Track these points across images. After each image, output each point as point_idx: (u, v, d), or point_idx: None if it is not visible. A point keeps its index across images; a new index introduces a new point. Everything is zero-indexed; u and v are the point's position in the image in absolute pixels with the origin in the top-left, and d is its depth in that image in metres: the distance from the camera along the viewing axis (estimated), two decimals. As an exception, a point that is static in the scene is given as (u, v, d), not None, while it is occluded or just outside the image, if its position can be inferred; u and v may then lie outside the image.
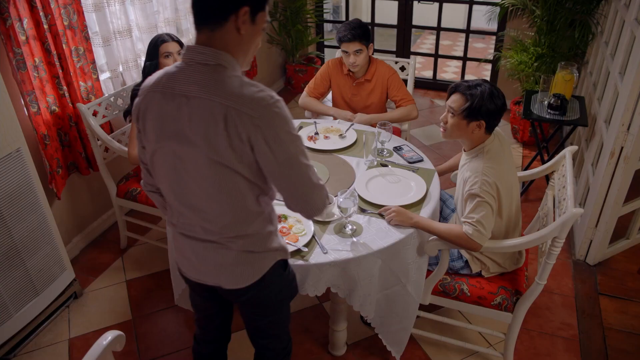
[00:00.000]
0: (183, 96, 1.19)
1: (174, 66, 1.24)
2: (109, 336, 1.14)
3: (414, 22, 4.72)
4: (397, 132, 2.89)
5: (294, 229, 1.80)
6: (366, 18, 5.18)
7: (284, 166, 1.21)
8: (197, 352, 1.76)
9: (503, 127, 4.07)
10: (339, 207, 1.73)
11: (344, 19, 5.22)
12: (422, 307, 2.04)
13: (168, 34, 2.33)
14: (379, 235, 1.78)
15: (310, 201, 1.28)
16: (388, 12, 4.91)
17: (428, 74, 5.46)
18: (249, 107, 1.14)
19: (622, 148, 2.37)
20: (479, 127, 1.77)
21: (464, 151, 1.91)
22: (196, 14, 1.18)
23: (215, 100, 1.15)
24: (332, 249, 1.71)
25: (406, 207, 1.90)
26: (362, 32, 2.55)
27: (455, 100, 1.78)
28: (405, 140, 2.66)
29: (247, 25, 1.17)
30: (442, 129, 1.88)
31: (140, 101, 1.28)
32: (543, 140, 3.41)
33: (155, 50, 2.27)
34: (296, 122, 2.65)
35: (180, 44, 2.33)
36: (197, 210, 1.30)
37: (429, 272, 1.97)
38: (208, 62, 1.18)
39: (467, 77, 5.06)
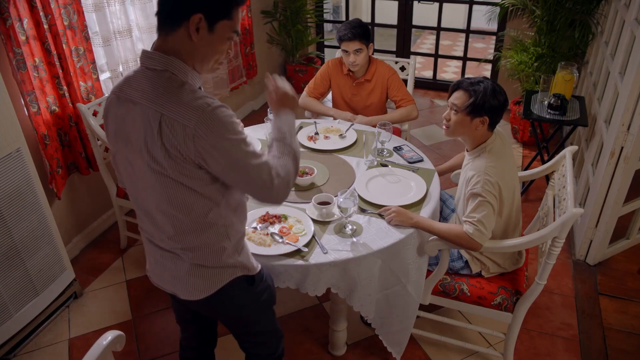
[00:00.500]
0: (130, 101, 1.19)
1: (134, 69, 1.24)
2: (109, 336, 1.14)
3: (414, 22, 4.72)
4: (397, 132, 2.89)
5: (294, 229, 1.80)
6: (366, 18, 5.18)
7: (231, 171, 1.19)
8: (182, 357, 1.76)
9: (503, 127, 4.06)
10: (339, 207, 1.73)
11: (344, 19, 5.22)
12: (422, 307, 2.04)
13: None
14: (379, 235, 1.78)
15: (270, 197, 1.27)
16: (388, 12, 4.91)
17: (428, 74, 5.46)
18: (183, 115, 1.12)
19: (622, 148, 2.37)
20: (482, 123, 1.77)
21: (467, 151, 1.91)
22: (157, 19, 1.19)
23: (152, 108, 1.14)
24: (332, 249, 1.71)
25: (406, 207, 1.90)
26: (362, 32, 2.56)
27: (458, 97, 1.78)
28: (405, 140, 2.66)
29: (202, 32, 1.15)
30: (444, 127, 1.88)
31: (106, 102, 1.30)
32: (543, 140, 3.41)
33: None
34: (296, 122, 2.65)
35: None
36: (150, 217, 1.30)
37: (429, 272, 1.97)
38: (156, 67, 1.18)
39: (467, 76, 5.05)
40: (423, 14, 4.85)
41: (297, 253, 1.70)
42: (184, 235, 1.28)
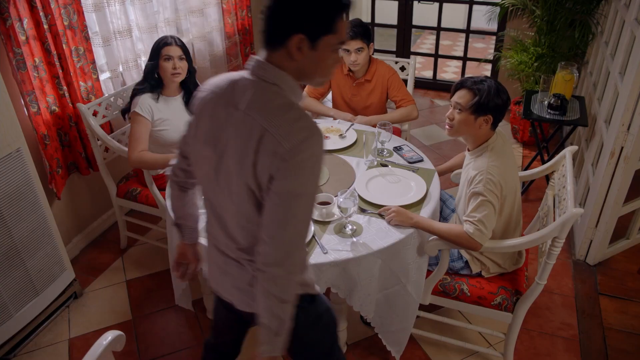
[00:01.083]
0: (233, 106, 1.15)
1: (239, 73, 1.20)
2: (109, 336, 1.14)
3: (414, 22, 4.72)
4: (397, 132, 2.88)
5: (294, 229, 1.79)
6: (366, 18, 5.18)
7: (277, 196, 1.11)
8: (204, 359, 1.71)
9: (503, 127, 4.06)
10: (339, 207, 1.73)
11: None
12: (422, 307, 2.04)
13: (173, 37, 2.31)
14: (379, 235, 1.78)
15: (282, 259, 1.14)
16: (388, 12, 4.91)
17: (428, 74, 5.46)
18: (283, 136, 1.07)
19: (622, 148, 2.37)
20: (486, 122, 1.77)
21: (468, 150, 1.90)
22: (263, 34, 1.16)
23: (257, 120, 1.10)
24: (332, 249, 1.71)
25: (406, 207, 1.90)
26: (363, 31, 2.56)
27: (462, 95, 1.78)
28: (405, 140, 2.66)
29: (305, 51, 1.10)
30: (447, 127, 1.86)
31: (199, 98, 1.24)
32: (543, 140, 3.41)
33: (157, 52, 2.27)
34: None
35: (184, 49, 2.32)
36: (222, 224, 1.27)
37: (429, 272, 1.97)
38: (266, 78, 1.14)
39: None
40: (423, 14, 4.85)
41: (297, 253, 1.70)
42: (255, 252, 1.22)
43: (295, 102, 1.15)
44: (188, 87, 2.43)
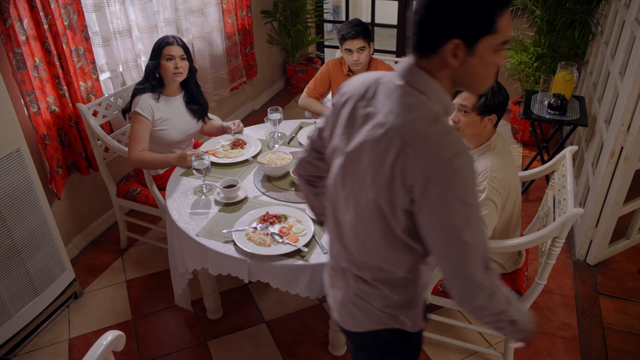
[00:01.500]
0: (373, 111, 1.06)
1: (388, 75, 1.10)
2: (109, 336, 1.14)
3: (414, 22, 4.71)
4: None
5: (294, 229, 1.80)
6: (366, 18, 5.17)
7: (437, 234, 1.00)
8: None
9: (503, 127, 4.06)
10: (339, 207, 1.73)
11: (344, 19, 5.22)
12: (422, 307, 2.04)
13: (174, 37, 2.31)
14: (379, 235, 1.77)
15: (462, 291, 1.03)
16: (388, 12, 4.90)
17: (428, 74, 5.45)
18: (427, 152, 0.96)
19: (622, 148, 2.37)
20: (491, 121, 1.78)
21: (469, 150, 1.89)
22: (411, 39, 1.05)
23: (398, 133, 0.99)
24: (332, 249, 1.71)
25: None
26: (364, 30, 2.57)
27: (467, 97, 1.77)
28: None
29: (461, 56, 0.99)
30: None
31: (345, 91, 1.16)
32: (543, 140, 3.41)
33: (159, 52, 2.27)
34: (296, 122, 2.66)
35: (185, 48, 2.32)
36: (339, 228, 1.19)
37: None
38: (415, 85, 1.03)
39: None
40: (423, 14, 4.84)
41: (297, 253, 1.70)
42: (365, 268, 1.16)
43: (443, 114, 1.04)
44: (189, 86, 2.43)
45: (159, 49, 2.27)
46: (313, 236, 1.76)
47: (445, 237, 0.99)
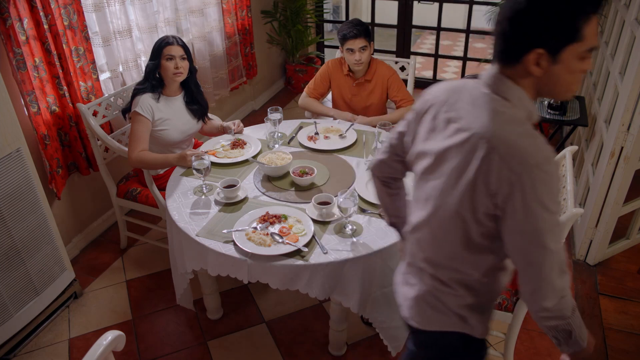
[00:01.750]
0: (457, 117, 1.08)
1: (473, 83, 1.11)
2: (109, 336, 1.14)
3: (414, 22, 4.72)
4: (397, 132, 2.88)
5: (294, 229, 1.80)
6: (366, 18, 5.17)
7: (518, 238, 1.02)
8: None
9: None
10: (339, 207, 1.73)
11: (344, 19, 5.22)
12: (422, 307, 2.04)
13: (174, 37, 2.31)
14: (379, 235, 1.78)
15: (533, 291, 1.05)
16: (388, 12, 4.91)
17: (428, 74, 5.46)
18: (513, 157, 0.97)
19: (622, 148, 2.37)
20: None
21: None
22: (494, 48, 1.06)
23: (484, 136, 1.00)
24: (332, 249, 1.71)
25: (406, 207, 1.90)
26: (365, 29, 2.58)
27: None
28: (405, 140, 2.65)
29: (544, 65, 0.99)
30: None
31: (428, 97, 1.18)
32: (543, 140, 3.41)
33: (159, 52, 2.27)
34: (296, 122, 2.66)
35: (185, 48, 2.32)
36: (416, 227, 1.22)
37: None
38: (500, 93, 1.05)
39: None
40: (423, 14, 4.85)
41: (297, 253, 1.70)
42: (442, 268, 1.18)
43: (528, 121, 1.05)
44: (189, 86, 2.43)
45: (159, 49, 2.27)
46: (313, 236, 1.76)
47: (527, 241, 1.01)
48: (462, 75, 4.84)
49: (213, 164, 2.18)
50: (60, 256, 2.32)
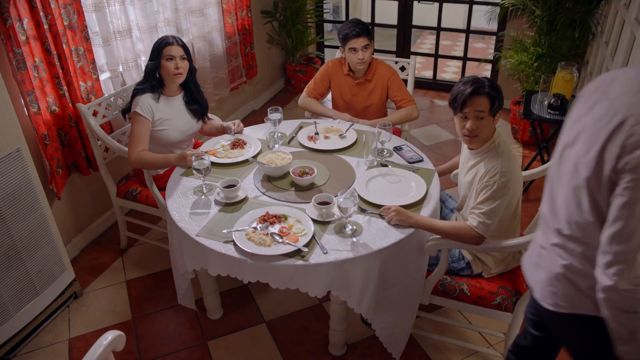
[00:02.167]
0: (605, 94, 1.13)
1: (631, 71, 1.15)
2: (109, 336, 1.14)
3: (414, 22, 4.72)
4: (397, 132, 2.88)
5: (294, 229, 1.80)
6: (366, 18, 5.18)
7: (624, 206, 1.05)
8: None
9: (503, 127, 4.07)
10: (339, 207, 1.73)
11: (344, 19, 5.23)
12: (422, 307, 2.04)
13: (174, 37, 2.31)
14: (379, 235, 1.78)
15: (614, 261, 1.07)
16: (388, 12, 4.91)
17: (428, 74, 5.46)
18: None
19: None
20: (498, 117, 1.81)
21: (471, 149, 1.88)
22: None
23: (621, 108, 1.06)
24: (332, 249, 1.71)
25: (406, 207, 1.90)
26: (366, 28, 2.60)
27: (480, 102, 1.74)
28: (405, 140, 2.66)
29: None
30: (468, 138, 1.81)
31: (588, 88, 1.24)
32: (543, 140, 3.41)
33: (159, 52, 2.27)
34: (296, 122, 2.66)
35: (185, 48, 2.32)
36: (554, 207, 1.27)
37: (429, 272, 1.96)
38: None
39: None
40: (423, 14, 4.85)
41: (297, 253, 1.70)
42: (574, 242, 1.20)
43: None
44: (189, 86, 2.43)
45: (159, 49, 2.27)
46: (313, 236, 1.76)
47: (627, 205, 1.04)
48: (462, 76, 4.84)
49: (213, 164, 2.18)
50: (60, 256, 2.32)
